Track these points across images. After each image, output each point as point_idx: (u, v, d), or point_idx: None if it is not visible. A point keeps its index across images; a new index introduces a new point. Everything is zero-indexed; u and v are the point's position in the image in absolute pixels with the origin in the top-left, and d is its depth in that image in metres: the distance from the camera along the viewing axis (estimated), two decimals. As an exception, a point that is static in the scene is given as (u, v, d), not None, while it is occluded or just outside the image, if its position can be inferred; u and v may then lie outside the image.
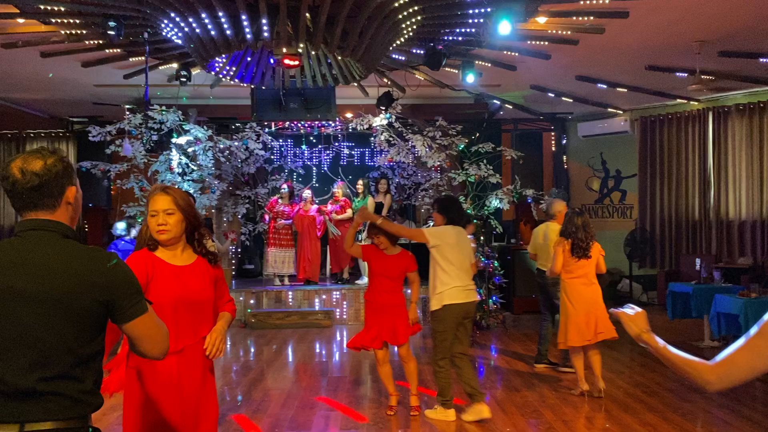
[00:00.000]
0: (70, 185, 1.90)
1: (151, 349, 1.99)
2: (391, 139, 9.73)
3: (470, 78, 7.30)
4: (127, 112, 8.84)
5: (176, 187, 2.94)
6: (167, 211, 2.68)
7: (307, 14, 5.54)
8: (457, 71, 7.46)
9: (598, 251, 5.70)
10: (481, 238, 9.40)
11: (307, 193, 10.35)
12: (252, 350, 7.98)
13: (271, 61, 5.81)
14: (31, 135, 11.33)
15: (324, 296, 9.77)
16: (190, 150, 8.98)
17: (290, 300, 9.74)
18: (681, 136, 10.15)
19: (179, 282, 2.66)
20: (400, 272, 5.13)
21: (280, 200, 10.12)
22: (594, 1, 5.73)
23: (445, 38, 6.73)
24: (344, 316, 9.67)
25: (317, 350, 8.01)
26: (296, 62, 5.71)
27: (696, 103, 9.76)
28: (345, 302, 9.71)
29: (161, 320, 2.02)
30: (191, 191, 8.81)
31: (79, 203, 1.97)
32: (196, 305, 2.68)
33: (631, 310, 2.02)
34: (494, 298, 9.28)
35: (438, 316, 5.01)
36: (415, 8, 5.92)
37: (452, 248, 5.03)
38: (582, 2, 5.76)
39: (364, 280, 9.52)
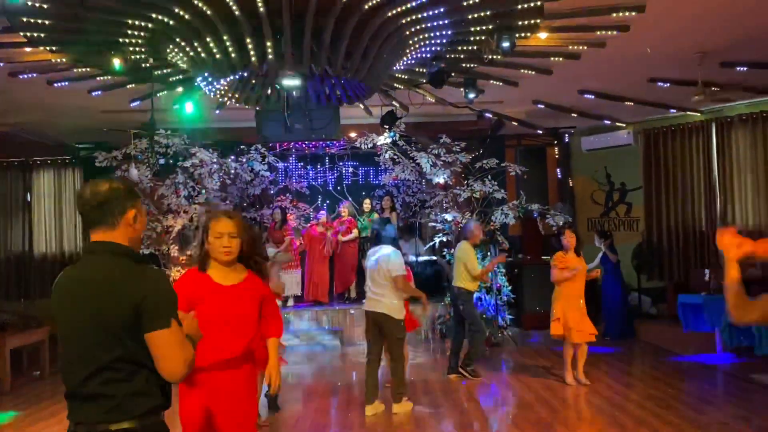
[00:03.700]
0: (131, 207, 2.07)
1: (163, 368, 1.99)
2: (395, 157, 9.76)
3: (472, 95, 7.33)
4: (133, 137, 8.89)
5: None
6: (231, 234, 2.96)
7: (310, 36, 5.59)
8: (459, 89, 7.50)
9: None
10: (488, 253, 9.37)
11: (321, 214, 10.49)
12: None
13: (277, 86, 5.83)
14: (38, 162, 11.31)
15: (331, 316, 9.73)
16: (196, 173, 9.01)
17: (297, 320, 9.70)
18: (685, 148, 10.14)
19: (225, 300, 2.93)
20: None
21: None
22: (595, 16, 5.77)
23: (448, 56, 6.78)
24: (352, 336, 9.61)
25: (326, 370, 7.96)
26: (300, 83, 5.75)
27: (699, 114, 9.77)
28: (352, 322, 9.66)
29: (189, 345, 2.05)
30: (197, 213, 8.84)
31: (138, 226, 2.12)
32: (240, 322, 2.94)
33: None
34: (503, 314, 9.22)
35: None
36: (418, 27, 5.97)
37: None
38: (583, 18, 5.81)
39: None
